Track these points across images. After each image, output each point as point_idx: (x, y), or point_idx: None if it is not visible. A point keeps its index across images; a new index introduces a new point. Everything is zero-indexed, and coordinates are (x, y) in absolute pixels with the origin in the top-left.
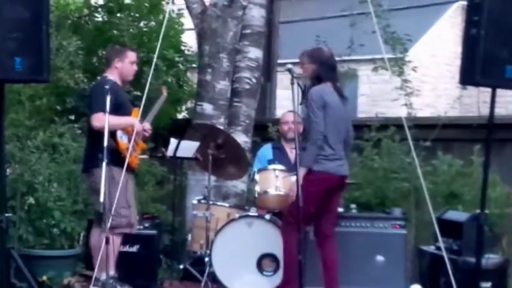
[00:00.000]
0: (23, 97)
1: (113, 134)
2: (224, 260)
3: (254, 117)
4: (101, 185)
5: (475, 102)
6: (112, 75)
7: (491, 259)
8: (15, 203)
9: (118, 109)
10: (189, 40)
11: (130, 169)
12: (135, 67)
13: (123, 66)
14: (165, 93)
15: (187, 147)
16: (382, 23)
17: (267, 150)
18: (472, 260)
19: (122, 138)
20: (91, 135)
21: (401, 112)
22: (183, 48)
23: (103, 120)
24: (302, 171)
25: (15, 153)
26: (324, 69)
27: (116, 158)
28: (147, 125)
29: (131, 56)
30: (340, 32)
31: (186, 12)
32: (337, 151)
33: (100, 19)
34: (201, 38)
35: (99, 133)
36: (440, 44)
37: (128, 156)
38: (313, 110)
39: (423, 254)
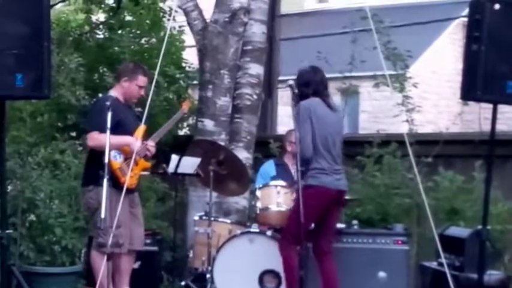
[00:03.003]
0: (24, 114)
1: (104, 153)
2: (226, 276)
3: (255, 133)
4: (94, 202)
5: (476, 119)
6: (116, 92)
7: (493, 275)
8: (16, 219)
9: (116, 127)
10: (190, 57)
11: (122, 189)
12: (142, 92)
13: (129, 87)
14: (185, 108)
15: (189, 164)
16: (383, 40)
17: (269, 166)
18: (474, 276)
19: (116, 158)
20: (89, 152)
21: (403, 129)
22: (184, 64)
23: (97, 139)
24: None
25: (16, 169)
26: (298, 86)
27: (109, 177)
28: (150, 143)
29: (141, 80)
30: (341, 48)
31: (187, 29)
32: (333, 165)
33: (101, 36)
34: (202, 54)
35: (96, 150)
36: (441, 60)
37: (126, 177)
38: (298, 122)
39: (425, 270)
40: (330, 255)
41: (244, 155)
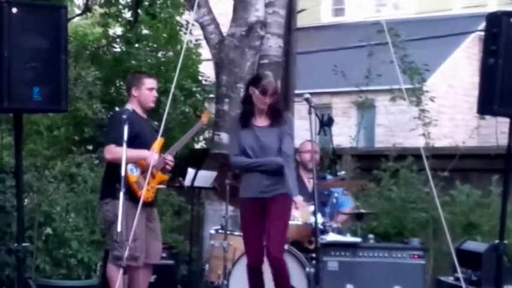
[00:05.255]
0: (41, 127)
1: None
2: None
3: None
4: (110, 215)
5: (493, 133)
6: (131, 104)
7: None
8: (33, 233)
9: (133, 140)
10: (207, 70)
11: (139, 202)
12: (154, 93)
13: (140, 94)
14: (204, 119)
15: (205, 177)
16: (400, 53)
17: None
18: None
19: (133, 171)
20: (106, 165)
21: (419, 143)
22: (200, 78)
23: (114, 152)
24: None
25: (33, 183)
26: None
27: (126, 191)
28: (168, 157)
29: (148, 82)
30: (358, 62)
31: (203, 43)
32: None
33: (118, 49)
34: (218, 68)
35: (113, 163)
36: (458, 74)
37: (143, 190)
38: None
39: (442, 284)
40: None
41: None
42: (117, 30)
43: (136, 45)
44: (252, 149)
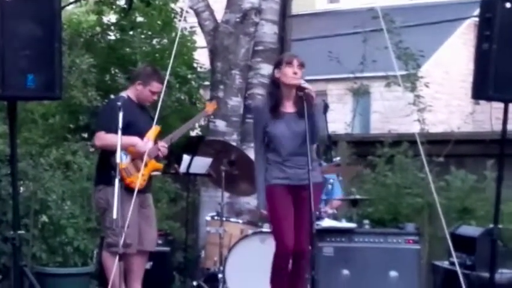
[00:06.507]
0: (36, 115)
1: (112, 153)
2: (237, 276)
3: None
4: (103, 202)
5: (487, 118)
6: (130, 93)
7: (504, 274)
8: (29, 220)
9: (126, 128)
10: (202, 57)
11: (129, 190)
12: (154, 97)
13: (142, 91)
14: (208, 109)
15: (201, 164)
16: (395, 39)
17: None
18: (486, 275)
19: (122, 159)
20: (100, 153)
21: (414, 129)
22: (195, 65)
23: (103, 139)
24: None
25: (28, 171)
26: None
27: (114, 178)
28: (162, 144)
29: (155, 86)
30: (353, 48)
31: (198, 30)
32: None
33: (113, 37)
34: (213, 54)
35: (106, 150)
36: (453, 60)
37: (131, 177)
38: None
39: (437, 269)
40: None
41: None
42: (111, 17)
43: (131, 32)
44: (284, 137)
